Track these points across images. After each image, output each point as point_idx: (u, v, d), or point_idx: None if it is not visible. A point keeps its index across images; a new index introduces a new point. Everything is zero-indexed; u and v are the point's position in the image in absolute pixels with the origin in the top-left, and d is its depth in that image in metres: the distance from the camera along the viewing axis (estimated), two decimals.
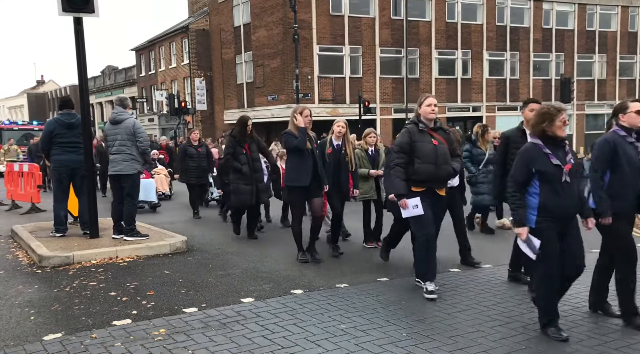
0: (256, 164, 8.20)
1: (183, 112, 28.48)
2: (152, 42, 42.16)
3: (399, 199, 5.15)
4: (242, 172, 8.01)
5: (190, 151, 10.89)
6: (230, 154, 8.14)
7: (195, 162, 10.81)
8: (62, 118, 7.88)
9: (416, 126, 5.23)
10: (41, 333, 4.36)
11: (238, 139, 8.15)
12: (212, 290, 5.50)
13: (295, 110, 6.65)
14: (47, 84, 72.32)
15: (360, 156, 7.59)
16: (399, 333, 4.23)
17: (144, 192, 11.00)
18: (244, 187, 8.03)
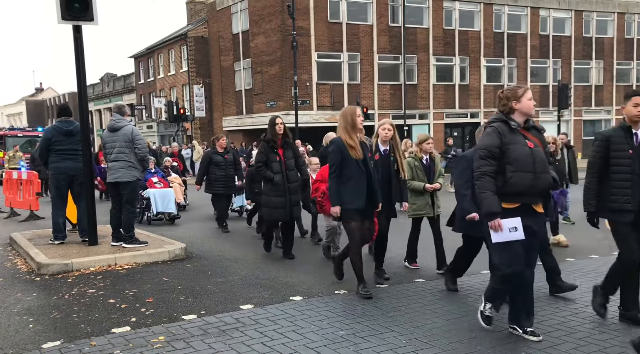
0: (290, 174, 7.20)
1: (182, 119, 28.54)
2: (151, 50, 42.26)
3: (491, 219, 3.95)
4: (274, 183, 7.09)
5: (216, 158, 10.13)
6: (262, 162, 7.19)
7: (222, 170, 10.05)
8: (61, 125, 7.90)
9: (506, 125, 4.10)
10: (40, 340, 4.35)
11: (272, 144, 7.21)
12: (211, 297, 5.49)
13: (348, 111, 5.51)
14: (45, 91, 72.36)
15: (414, 166, 6.54)
16: (398, 340, 4.23)
17: (162, 202, 10.81)
18: (275, 200, 7.10)
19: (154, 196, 10.88)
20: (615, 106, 37.67)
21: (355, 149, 5.30)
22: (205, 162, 10.26)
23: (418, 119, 32.10)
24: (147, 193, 10.94)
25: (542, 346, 4.09)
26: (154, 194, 10.89)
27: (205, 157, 10.44)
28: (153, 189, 10.98)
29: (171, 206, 11.00)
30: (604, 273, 4.81)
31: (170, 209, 10.98)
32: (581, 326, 4.52)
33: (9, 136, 26.98)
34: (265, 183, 7.25)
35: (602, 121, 37.56)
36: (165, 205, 10.90)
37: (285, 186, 7.10)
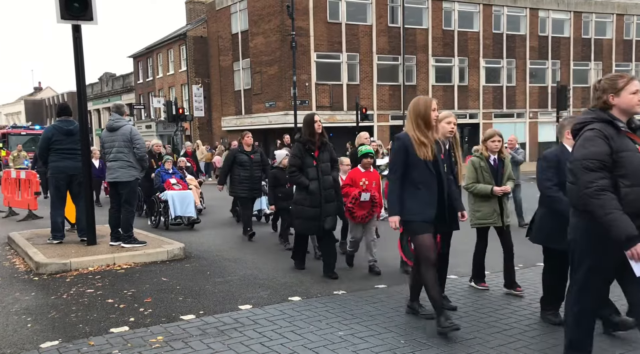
0: (325, 179, 6.22)
1: (180, 118, 28.49)
2: (150, 49, 42.24)
3: (632, 245, 3.05)
4: (310, 191, 6.14)
5: (241, 157, 9.11)
6: (296, 166, 6.20)
7: (248, 171, 9.05)
8: (61, 125, 7.89)
9: (612, 126, 3.24)
10: (38, 340, 4.34)
11: (308, 146, 6.23)
12: (210, 297, 5.49)
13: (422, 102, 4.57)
14: (44, 90, 72.29)
15: (479, 166, 5.59)
16: (396, 340, 4.23)
17: (181, 205, 9.99)
18: (310, 211, 6.17)
19: (172, 198, 10.01)
20: None
21: (426, 147, 4.36)
22: (229, 161, 9.30)
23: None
24: (165, 196, 10.15)
25: (540, 346, 4.09)
26: (172, 196, 10.03)
27: (229, 156, 9.50)
28: (171, 192, 10.18)
29: (191, 210, 10.11)
30: None
31: (189, 212, 10.09)
32: None
33: (12, 134, 26.17)
34: (299, 191, 6.29)
35: None
36: (185, 208, 10.02)
37: (322, 195, 6.15)
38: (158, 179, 10.55)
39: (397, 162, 4.44)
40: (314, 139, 6.26)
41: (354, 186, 6.53)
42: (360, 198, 6.41)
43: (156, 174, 10.70)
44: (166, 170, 10.80)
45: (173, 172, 10.93)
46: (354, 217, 6.47)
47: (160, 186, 10.47)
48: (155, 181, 10.61)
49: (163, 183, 10.45)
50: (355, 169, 6.72)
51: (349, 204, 6.41)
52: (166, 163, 10.89)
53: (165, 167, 10.84)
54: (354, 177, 6.57)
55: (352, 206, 6.41)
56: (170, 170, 10.82)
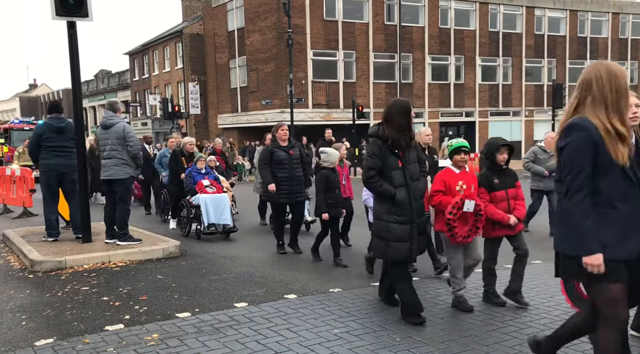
0: (415, 186, 4.63)
1: (176, 116, 28.45)
2: (146, 46, 42.11)
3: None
4: (397, 202, 4.54)
5: (279, 155, 7.51)
6: (376, 169, 4.59)
7: (287, 171, 7.44)
8: (52, 122, 7.88)
9: None
10: (33, 338, 4.32)
11: (394, 144, 4.60)
12: (206, 295, 5.48)
13: (614, 71, 2.86)
14: (39, 87, 72.00)
15: None
16: (392, 338, 4.24)
17: (215, 211, 8.65)
18: (398, 230, 4.55)
19: (205, 203, 8.65)
20: None
21: (624, 143, 2.83)
22: (266, 159, 7.62)
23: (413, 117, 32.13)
24: (197, 200, 8.78)
25: None
26: (205, 200, 8.67)
27: (265, 153, 7.77)
28: (204, 195, 8.76)
29: (226, 216, 8.73)
30: None
31: (225, 220, 8.70)
32: None
33: (15, 129, 24.49)
34: (382, 202, 4.65)
35: None
36: (219, 215, 8.67)
37: (412, 207, 4.55)
38: (189, 180, 9.10)
39: (583, 166, 2.80)
40: (406, 135, 4.63)
41: (449, 193, 4.86)
42: (463, 207, 4.76)
43: (187, 175, 9.18)
44: (198, 170, 9.22)
45: (206, 173, 9.32)
46: (453, 236, 4.82)
47: (191, 188, 8.99)
48: (186, 183, 9.16)
49: (194, 185, 8.98)
50: (447, 170, 5.04)
51: (448, 216, 4.74)
52: (198, 162, 9.31)
53: (198, 167, 9.24)
54: (447, 181, 4.90)
55: (452, 218, 4.74)
56: (203, 170, 9.26)
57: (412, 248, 4.58)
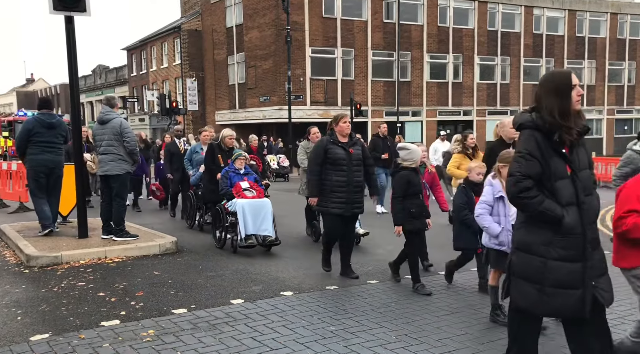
0: (589, 204, 3.06)
1: (174, 112, 28.42)
2: (144, 42, 42.00)
3: None
4: (566, 228, 2.97)
5: (335, 153, 5.95)
6: (532, 177, 2.98)
7: (345, 174, 5.90)
8: (43, 117, 7.90)
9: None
10: (28, 333, 4.32)
11: (558, 137, 3.02)
12: (202, 291, 5.48)
13: None
14: (37, 82, 71.77)
15: None
16: (388, 336, 4.25)
17: (254, 220, 7.24)
18: (565, 269, 2.99)
19: (242, 209, 7.21)
20: (607, 106, 37.97)
21: None
22: (319, 157, 5.98)
23: (411, 116, 32.18)
24: (234, 205, 7.36)
25: None
26: (242, 207, 7.22)
27: (318, 150, 6.06)
28: (242, 200, 7.31)
29: (267, 226, 7.32)
30: None
31: (266, 230, 7.28)
32: None
33: (20, 122, 23.78)
34: (535, 227, 3.05)
35: (593, 120, 37.79)
36: (259, 224, 7.27)
37: (586, 237, 3.00)
38: (225, 181, 7.65)
39: None
40: (572, 123, 3.05)
41: None
42: None
43: (222, 175, 7.72)
44: (236, 170, 7.75)
45: (246, 173, 7.85)
46: None
47: (227, 191, 7.58)
48: (221, 185, 7.68)
49: (231, 188, 7.56)
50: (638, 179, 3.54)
51: None
52: (237, 161, 7.79)
53: (236, 167, 7.77)
54: None
55: None
56: (242, 170, 7.80)
57: (584, 299, 2.95)
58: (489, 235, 4.65)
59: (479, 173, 5.37)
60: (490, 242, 4.66)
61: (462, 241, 5.42)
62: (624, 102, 38.64)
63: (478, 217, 4.69)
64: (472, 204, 5.11)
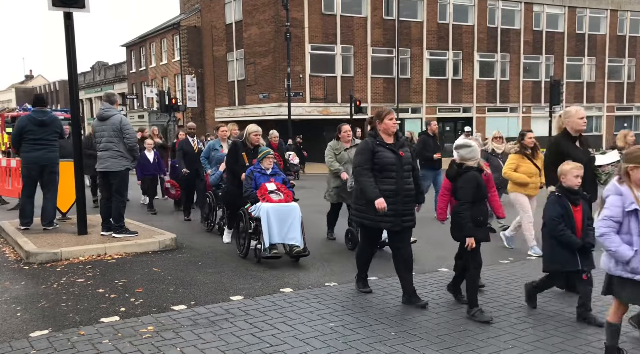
0: None
1: (173, 109, 28.38)
2: (143, 39, 41.92)
3: None
4: None
5: (384, 156, 4.98)
6: None
7: (394, 181, 4.96)
8: (35, 115, 7.93)
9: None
10: (28, 329, 4.32)
11: None
12: (201, 288, 5.49)
13: None
14: (35, 78, 71.68)
15: None
16: (387, 332, 4.25)
17: (280, 227, 6.39)
18: None
19: (267, 215, 6.39)
20: (607, 103, 37.96)
21: None
22: (368, 161, 4.97)
23: (411, 113, 32.15)
24: (257, 210, 6.52)
25: (529, 338, 4.13)
26: (267, 212, 6.40)
27: (366, 152, 5.01)
28: (267, 204, 6.49)
29: (294, 234, 6.45)
30: None
31: (293, 239, 6.44)
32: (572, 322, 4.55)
33: None
34: None
35: (593, 117, 37.78)
36: (285, 232, 6.44)
37: None
38: (249, 183, 6.83)
39: None
40: None
41: None
42: None
43: (246, 176, 6.92)
44: (263, 170, 6.93)
45: (273, 174, 7.00)
46: None
47: (251, 194, 6.74)
48: (245, 187, 6.87)
49: (256, 190, 6.74)
50: None
51: None
52: (265, 160, 6.95)
53: (264, 166, 6.95)
54: None
55: None
56: (269, 170, 6.97)
57: None
58: (618, 260, 3.54)
59: (577, 176, 4.53)
60: (618, 269, 3.57)
61: (557, 262, 4.57)
62: (623, 99, 38.63)
63: (602, 237, 3.57)
64: (570, 218, 4.48)
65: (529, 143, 7.17)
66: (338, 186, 7.67)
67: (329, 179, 7.84)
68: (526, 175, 7.02)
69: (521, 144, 7.22)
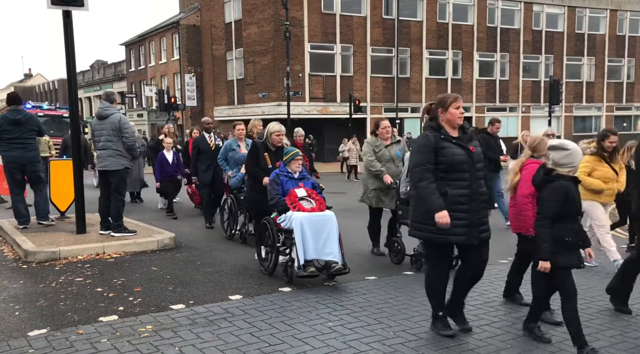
0: None
1: (172, 108, 28.37)
2: (142, 37, 41.88)
3: None
4: None
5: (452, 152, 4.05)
6: None
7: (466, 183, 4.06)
8: (8, 115, 7.96)
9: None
10: (26, 328, 4.31)
11: None
12: (200, 287, 5.48)
13: None
14: (34, 77, 71.64)
15: None
16: (386, 331, 4.25)
17: (315, 241, 5.48)
18: None
19: (301, 226, 5.47)
20: (606, 102, 37.98)
21: None
22: (430, 160, 4.02)
23: (410, 112, 32.15)
24: (289, 221, 5.60)
25: (527, 339, 4.12)
26: (301, 223, 5.48)
27: (427, 152, 4.05)
28: (300, 214, 5.56)
29: (332, 248, 5.54)
30: None
31: (330, 254, 5.51)
32: None
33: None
34: None
35: (592, 117, 37.85)
36: (322, 246, 5.52)
37: None
38: (275, 188, 5.92)
39: None
40: None
41: None
42: None
43: (272, 180, 6.00)
44: (290, 173, 6.02)
45: (301, 177, 6.07)
46: None
47: (278, 201, 5.82)
48: (271, 193, 5.92)
49: (283, 198, 5.83)
50: None
51: None
52: (293, 162, 6.02)
53: (291, 169, 6.03)
54: None
55: None
56: (297, 173, 6.04)
57: None
58: None
59: None
60: None
61: None
62: (623, 98, 38.66)
63: None
64: None
65: (609, 147, 6.10)
66: (378, 188, 6.72)
67: (365, 180, 6.98)
68: (602, 180, 6.06)
69: (600, 145, 6.12)
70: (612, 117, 38.30)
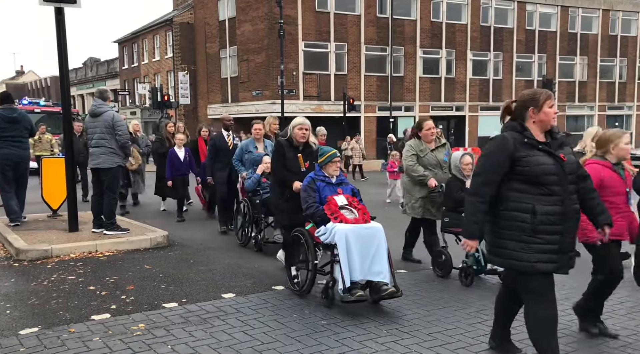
0: None
1: (166, 105, 28.26)
2: (136, 35, 41.69)
3: None
4: None
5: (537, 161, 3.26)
6: None
7: (559, 198, 3.25)
8: (4, 113, 7.95)
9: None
10: (17, 327, 4.29)
11: None
12: (193, 285, 5.47)
13: None
14: (26, 74, 71.10)
15: None
16: (378, 329, 4.26)
17: (361, 259, 4.66)
18: None
19: (347, 241, 4.66)
20: (598, 102, 38.20)
21: None
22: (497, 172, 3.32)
23: (404, 111, 32.20)
24: (331, 234, 4.76)
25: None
26: (346, 236, 4.66)
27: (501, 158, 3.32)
28: (344, 226, 4.72)
29: (381, 267, 4.72)
30: None
31: (379, 274, 4.71)
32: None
33: (26, 111, 21.58)
34: None
35: (585, 116, 38.04)
36: (369, 264, 4.71)
37: None
38: (312, 195, 5.09)
39: None
40: None
41: None
42: None
43: (307, 186, 5.15)
44: (327, 178, 5.19)
45: (339, 182, 5.24)
46: None
47: (317, 211, 4.97)
48: (307, 201, 5.08)
49: (321, 207, 4.98)
50: None
51: None
52: (330, 164, 5.18)
53: (327, 173, 5.20)
54: None
55: None
56: (334, 178, 5.21)
57: None
58: None
59: None
60: None
61: None
62: (615, 98, 38.89)
63: None
64: None
65: None
66: (424, 197, 6.06)
67: (409, 188, 6.20)
68: None
69: None
70: (604, 116, 38.53)
